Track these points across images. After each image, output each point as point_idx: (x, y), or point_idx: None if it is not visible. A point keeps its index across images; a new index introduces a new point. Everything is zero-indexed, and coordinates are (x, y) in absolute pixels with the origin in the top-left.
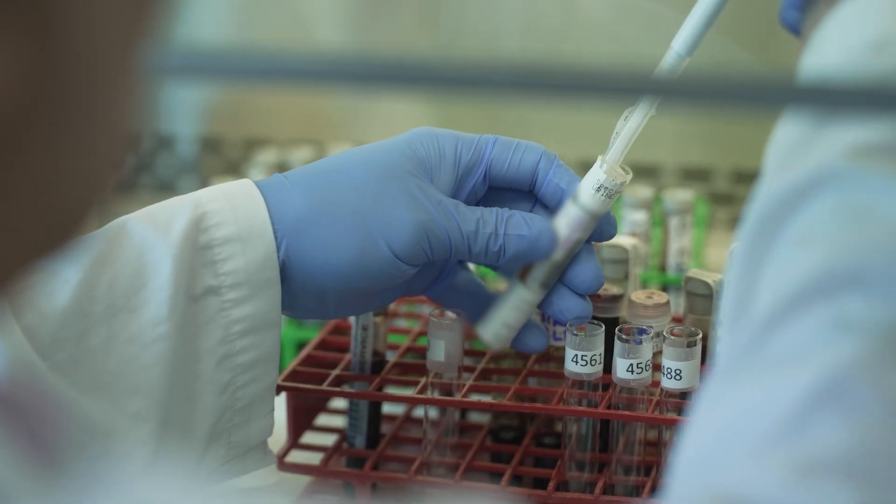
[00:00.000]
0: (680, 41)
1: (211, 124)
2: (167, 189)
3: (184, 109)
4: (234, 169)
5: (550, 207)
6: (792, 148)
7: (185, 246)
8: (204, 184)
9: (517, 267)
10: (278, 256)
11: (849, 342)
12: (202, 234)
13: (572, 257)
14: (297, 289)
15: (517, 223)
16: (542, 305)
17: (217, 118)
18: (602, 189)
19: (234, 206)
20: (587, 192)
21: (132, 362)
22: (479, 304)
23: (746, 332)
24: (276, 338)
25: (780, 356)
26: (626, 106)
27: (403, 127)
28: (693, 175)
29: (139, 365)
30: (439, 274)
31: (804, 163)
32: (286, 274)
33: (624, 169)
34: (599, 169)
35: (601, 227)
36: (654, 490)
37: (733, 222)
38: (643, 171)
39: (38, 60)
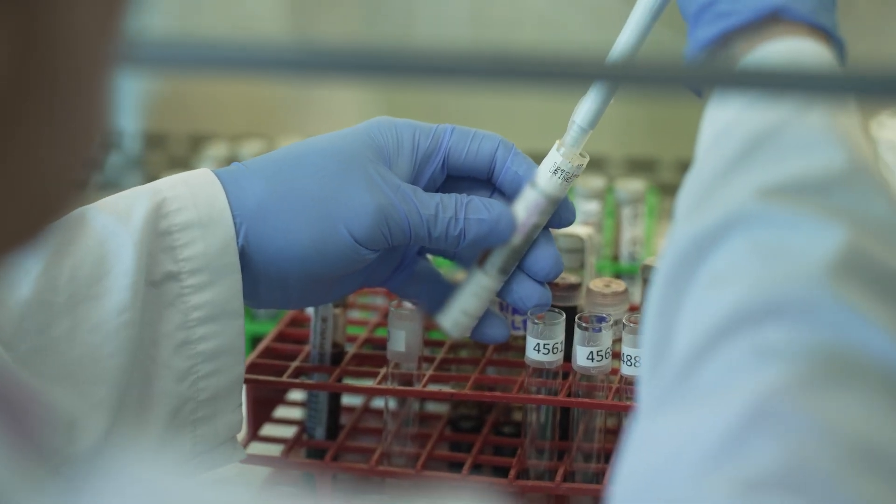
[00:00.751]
0: (580, 115)
1: (154, 119)
2: (112, 186)
3: (126, 104)
4: (180, 164)
5: (508, 195)
6: (700, 194)
7: (145, 232)
8: (149, 180)
9: (476, 254)
10: (237, 242)
11: (773, 368)
12: (162, 219)
13: (531, 244)
14: (258, 275)
15: (477, 207)
16: (501, 293)
17: (161, 113)
18: (559, 172)
19: (194, 192)
20: (545, 175)
21: (96, 351)
22: (438, 294)
23: (669, 371)
24: (238, 329)
25: (706, 388)
26: (571, 94)
27: (351, 118)
28: (639, 166)
29: (104, 353)
30: (399, 264)
31: (714, 207)
32: (246, 260)
33: (581, 154)
34: (557, 152)
35: (559, 213)
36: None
37: None
38: (591, 162)
39: (19, 51)
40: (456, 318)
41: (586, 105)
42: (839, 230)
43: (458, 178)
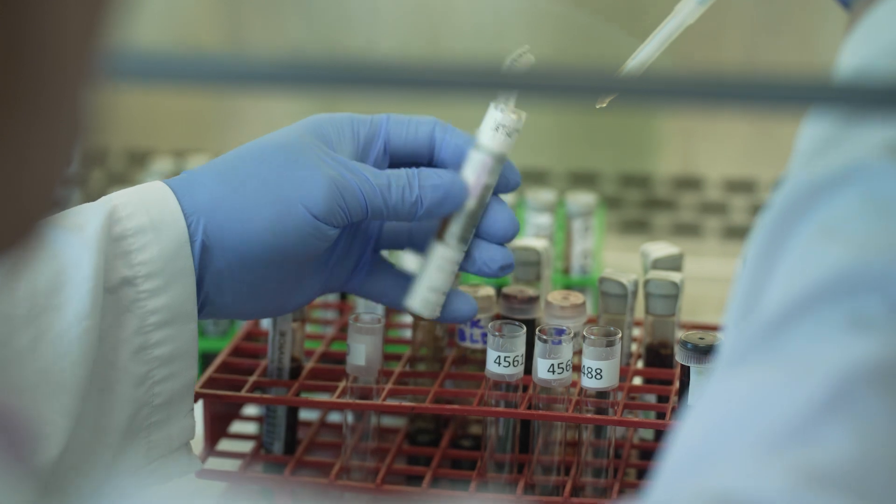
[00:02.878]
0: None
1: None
2: None
3: None
4: (120, 181)
5: (454, 168)
6: (819, 145)
7: (101, 239)
8: (89, 199)
9: (431, 235)
10: (197, 236)
11: (863, 345)
12: (115, 225)
13: (484, 209)
14: (221, 271)
15: (428, 175)
16: (464, 265)
17: (98, 129)
18: (501, 128)
19: (144, 198)
20: (487, 134)
21: (59, 360)
22: (399, 289)
23: (757, 324)
24: (192, 332)
25: (792, 351)
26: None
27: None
28: (583, 179)
29: (66, 362)
30: (357, 263)
31: (833, 157)
32: (209, 256)
33: (517, 112)
34: (495, 110)
35: (506, 175)
36: (574, 490)
37: (623, 226)
38: (539, 176)
39: (2, 58)
40: (424, 296)
41: (512, 61)
42: None
43: (401, 164)
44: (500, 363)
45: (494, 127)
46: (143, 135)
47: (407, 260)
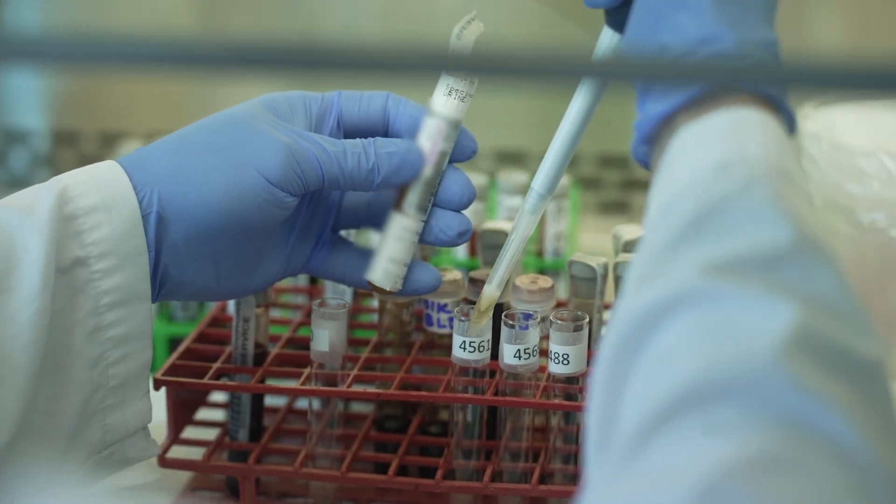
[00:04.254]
0: (538, 181)
1: (64, 117)
2: (20, 185)
3: (35, 102)
4: (91, 162)
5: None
6: (648, 268)
7: (52, 220)
8: None
9: (391, 206)
10: (152, 207)
11: (724, 447)
12: (66, 205)
13: (440, 177)
14: (179, 240)
15: (384, 143)
16: (423, 236)
17: (70, 110)
18: (454, 92)
19: (95, 177)
20: (440, 99)
21: (10, 343)
22: (360, 267)
23: (616, 451)
24: (146, 313)
25: (656, 468)
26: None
27: None
28: None
29: (18, 345)
30: (316, 242)
31: (660, 282)
32: (165, 225)
33: (469, 80)
34: (447, 74)
35: (461, 142)
36: (542, 476)
37: (601, 207)
38: (512, 157)
39: None
40: (385, 268)
41: (461, 28)
42: (788, 308)
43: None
44: (465, 348)
45: (447, 92)
46: (116, 117)
47: (374, 242)
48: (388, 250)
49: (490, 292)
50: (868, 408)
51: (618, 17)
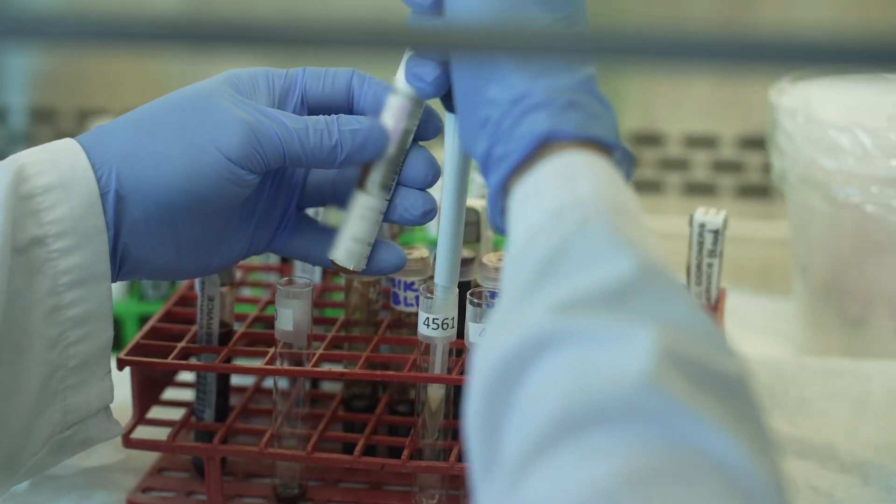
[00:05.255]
0: (439, 275)
1: (42, 94)
2: None
3: (12, 79)
4: None
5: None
6: (504, 313)
7: (8, 199)
8: None
9: (353, 182)
10: (111, 186)
11: (599, 469)
12: (23, 183)
13: (405, 155)
14: (138, 218)
15: (348, 120)
16: (388, 215)
17: (49, 88)
18: None
19: (53, 156)
20: (403, 77)
21: None
22: (326, 246)
23: (500, 480)
24: (106, 292)
25: (535, 496)
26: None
27: None
28: None
29: None
30: (280, 221)
31: (514, 328)
32: (124, 204)
33: None
34: (412, 52)
35: (425, 122)
36: None
37: None
38: None
39: None
40: (348, 246)
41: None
42: (644, 334)
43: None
44: (429, 325)
45: None
46: (94, 95)
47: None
48: (352, 230)
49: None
50: (738, 419)
51: (451, 101)
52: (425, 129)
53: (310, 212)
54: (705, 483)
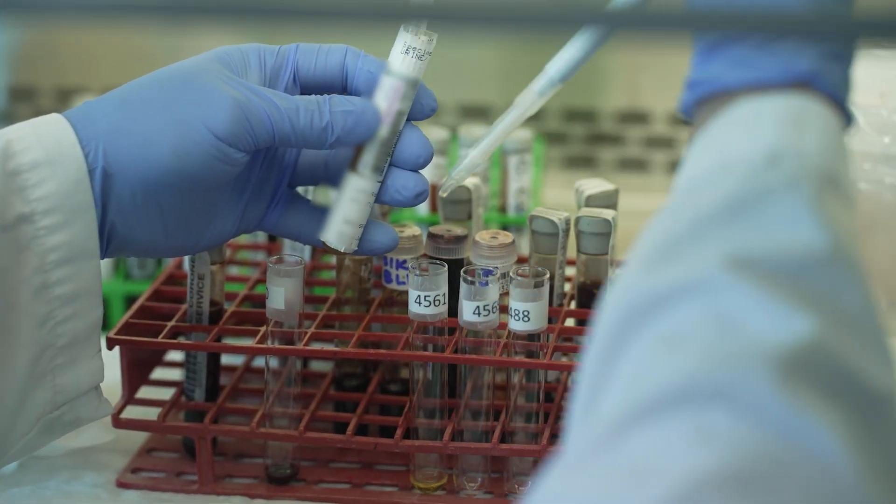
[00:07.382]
0: (555, 67)
1: (21, 72)
2: None
3: None
4: None
5: (367, 96)
6: (666, 246)
7: None
8: None
9: (346, 162)
10: (98, 163)
11: (707, 454)
12: (9, 160)
13: (398, 136)
14: (125, 196)
15: (340, 101)
16: (380, 196)
17: (27, 66)
18: (411, 50)
19: (39, 133)
20: (397, 58)
21: None
22: (316, 224)
23: (598, 427)
24: (94, 270)
25: (634, 460)
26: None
27: None
28: None
29: None
30: (271, 199)
31: (678, 266)
32: (111, 181)
33: (428, 34)
34: (405, 32)
35: (420, 101)
36: (503, 435)
37: (567, 161)
38: (475, 111)
39: None
40: (339, 229)
41: None
42: (805, 320)
43: (314, 94)
44: (420, 303)
45: (404, 50)
46: (73, 72)
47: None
48: (343, 211)
49: (473, 157)
50: (867, 440)
51: None
52: (420, 108)
53: (300, 189)
54: (807, 493)
